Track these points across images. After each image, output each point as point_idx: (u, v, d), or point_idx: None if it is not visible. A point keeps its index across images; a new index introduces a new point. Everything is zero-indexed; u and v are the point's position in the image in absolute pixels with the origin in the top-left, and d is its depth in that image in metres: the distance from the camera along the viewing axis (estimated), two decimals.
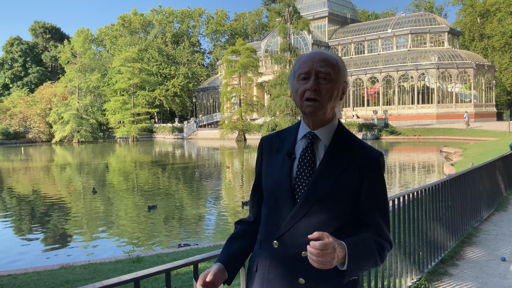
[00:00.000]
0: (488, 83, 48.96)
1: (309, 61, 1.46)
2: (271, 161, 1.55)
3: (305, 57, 1.49)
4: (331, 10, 59.43)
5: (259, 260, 1.52)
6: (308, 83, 1.44)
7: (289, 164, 1.49)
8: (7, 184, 18.10)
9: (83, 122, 52.57)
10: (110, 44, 77.53)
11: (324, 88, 1.43)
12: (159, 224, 10.23)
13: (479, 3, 62.59)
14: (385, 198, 1.51)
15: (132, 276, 1.67)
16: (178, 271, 4.92)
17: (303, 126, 1.53)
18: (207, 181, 18.10)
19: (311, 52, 1.52)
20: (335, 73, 1.46)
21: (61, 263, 6.75)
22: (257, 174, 1.63)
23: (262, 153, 1.61)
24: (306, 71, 1.45)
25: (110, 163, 27.07)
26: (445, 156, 22.28)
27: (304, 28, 38.07)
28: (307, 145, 1.49)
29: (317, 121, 1.49)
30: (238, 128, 43.55)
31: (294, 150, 1.51)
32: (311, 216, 1.42)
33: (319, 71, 1.44)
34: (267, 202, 1.54)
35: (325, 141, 1.49)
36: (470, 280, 4.27)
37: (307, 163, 1.47)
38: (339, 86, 1.47)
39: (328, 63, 1.45)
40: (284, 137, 1.57)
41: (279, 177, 1.49)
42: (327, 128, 1.50)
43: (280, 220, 1.46)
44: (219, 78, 61.80)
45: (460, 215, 5.53)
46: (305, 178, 1.45)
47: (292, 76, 1.52)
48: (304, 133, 1.51)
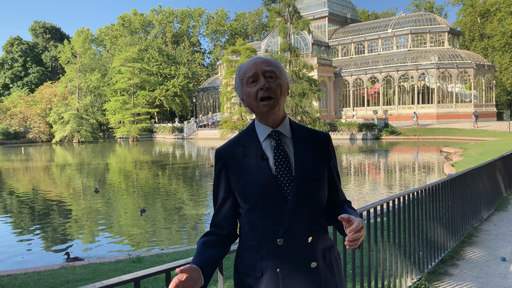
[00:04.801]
0: (488, 83, 48.96)
1: (253, 65, 1.56)
2: (243, 168, 1.56)
3: (247, 63, 1.59)
4: (331, 10, 59.41)
5: (263, 263, 1.53)
6: (258, 84, 1.53)
7: (265, 165, 1.54)
8: (7, 184, 18.10)
9: (83, 122, 52.57)
10: (110, 44, 77.53)
11: (273, 85, 1.53)
12: (160, 224, 10.23)
13: (479, 3, 62.58)
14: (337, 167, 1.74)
15: (132, 276, 1.67)
16: None
17: (261, 127, 1.59)
18: (207, 181, 18.09)
19: (252, 58, 1.61)
20: (278, 71, 1.56)
21: (61, 263, 6.76)
22: (224, 188, 1.61)
23: (226, 164, 1.59)
24: (253, 73, 1.54)
25: (110, 163, 27.08)
26: (445, 156, 22.27)
27: (304, 28, 38.04)
28: (277, 143, 1.56)
29: (275, 118, 1.57)
30: (238, 128, 43.53)
31: (263, 151, 1.56)
32: (306, 204, 1.53)
33: (265, 71, 1.54)
34: (254, 207, 1.54)
35: (288, 135, 1.59)
36: (470, 280, 4.27)
37: (283, 159, 1.55)
38: (285, 83, 1.58)
39: (270, 63, 1.56)
40: (244, 142, 1.59)
41: (263, 179, 1.52)
42: (285, 123, 1.60)
43: (276, 218, 1.51)
44: (219, 78, 61.80)
45: (460, 215, 5.52)
46: (286, 173, 1.53)
47: (239, 84, 1.60)
48: (267, 133, 1.58)
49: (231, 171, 1.58)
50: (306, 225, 1.53)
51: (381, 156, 26.40)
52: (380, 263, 3.53)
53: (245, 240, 1.59)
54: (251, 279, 1.55)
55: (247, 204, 1.56)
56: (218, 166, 1.62)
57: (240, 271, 1.60)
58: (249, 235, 1.57)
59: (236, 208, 1.62)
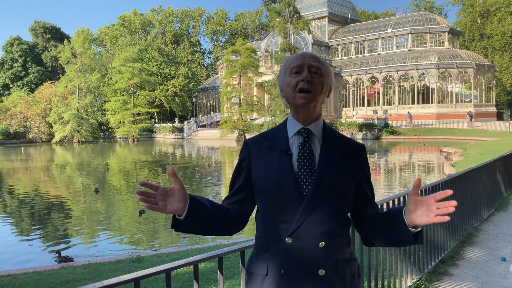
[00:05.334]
0: (488, 83, 48.96)
1: (301, 57, 1.54)
2: (265, 161, 1.54)
3: (296, 55, 1.57)
4: (331, 10, 59.43)
5: (270, 261, 1.49)
6: (301, 75, 1.51)
7: (288, 160, 1.50)
8: (8, 184, 18.10)
9: (83, 122, 52.58)
10: (110, 44, 77.56)
11: (316, 80, 1.51)
12: (160, 224, 10.23)
13: (479, 3, 62.59)
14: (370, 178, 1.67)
15: (132, 276, 1.67)
16: (178, 271, 4.93)
17: (293, 123, 1.56)
18: (207, 181, 18.10)
19: (300, 52, 1.58)
20: (324, 70, 1.54)
21: (61, 263, 6.75)
22: (243, 175, 1.59)
23: (250, 155, 1.58)
24: (299, 64, 1.52)
25: (110, 163, 27.08)
26: (445, 156, 22.27)
27: (304, 28, 38.06)
28: (304, 140, 1.53)
29: (308, 115, 1.53)
30: (238, 128, 43.55)
31: (289, 146, 1.53)
32: (322, 206, 1.47)
33: (311, 65, 1.52)
34: (267, 201, 1.52)
35: (318, 136, 1.55)
36: (470, 280, 4.27)
37: (307, 157, 1.51)
38: (328, 83, 1.55)
39: (318, 60, 1.55)
40: (272, 137, 1.57)
41: (282, 175, 1.49)
42: (317, 123, 1.56)
43: (289, 216, 1.47)
44: (219, 78, 61.80)
45: (460, 215, 5.53)
46: (307, 171, 1.49)
47: (283, 73, 1.59)
48: (296, 130, 1.55)
49: (253, 162, 1.56)
50: (319, 229, 1.46)
51: (381, 156, 26.40)
52: (380, 263, 3.53)
53: (257, 237, 1.57)
54: (257, 278, 1.52)
55: (262, 197, 1.54)
56: (241, 156, 1.61)
57: (248, 270, 1.58)
58: (261, 231, 1.55)
59: (247, 201, 1.60)
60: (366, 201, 1.59)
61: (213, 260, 1.91)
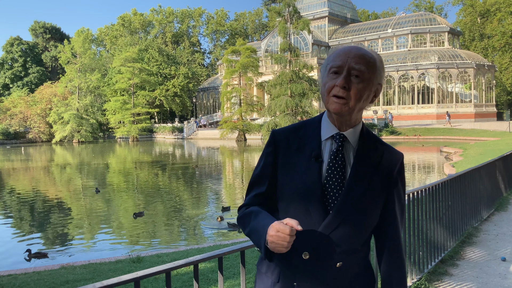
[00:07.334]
0: (488, 83, 48.97)
1: (344, 55, 1.34)
2: (292, 163, 1.41)
3: (341, 50, 1.36)
4: (331, 10, 59.44)
5: (282, 271, 1.41)
6: (338, 79, 1.32)
7: (317, 168, 1.37)
8: (8, 184, 18.09)
9: (83, 122, 52.57)
10: (110, 44, 77.56)
11: (354, 87, 1.31)
12: (160, 224, 10.23)
13: (479, 3, 62.60)
14: (404, 196, 1.50)
15: (132, 276, 1.67)
16: (178, 271, 4.93)
17: (328, 124, 1.41)
18: (207, 181, 18.10)
19: (349, 45, 1.37)
20: (369, 72, 1.33)
21: (61, 263, 6.75)
22: (270, 170, 1.45)
23: (277, 150, 1.44)
24: (338, 65, 1.33)
25: (110, 163, 27.07)
26: (445, 156, 22.26)
27: (304, 28, 38.05)
28: (338, 149, 1.38)
29: (343, 122, 1.37)
30: (238, 128, 43.56)
31: (320, 151, 1.39)
32: (345, 224, 1.35)
33: (352, 67, 1.31)
34: (290, 209, 1.40)
35: (353, 144, 1.40)
36: (470, 280, 4.27)
37: (338, 168, 1.37)
38: (372, 87, 1.35)
39: (364, 60, 1.32)
40: (303, 135, 1.43)
41: (309, 183, 1.36)
42: (355, 130, 1.41)
43: (309, 229, 1.35)
44: (219, 78, 61.82)
45: (460, 215, 5.52)
46: (336, 184, 1.36)
47: (324, 68, 1.39)
48: (330, 134, 1.40)
49: (280, 161, 1.43)
50: (340, 248, 1.35)
51: None
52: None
53: None
54: (268, 281, 1.46)
55: (283, 202, 1.42)
56: (270, 148, 1.46)
57: (259, 268, 1.52)
58: None
59: (269, 196, 1.48)
60: (388, 222, 1.45)
61: (213, 260, 1.90)
